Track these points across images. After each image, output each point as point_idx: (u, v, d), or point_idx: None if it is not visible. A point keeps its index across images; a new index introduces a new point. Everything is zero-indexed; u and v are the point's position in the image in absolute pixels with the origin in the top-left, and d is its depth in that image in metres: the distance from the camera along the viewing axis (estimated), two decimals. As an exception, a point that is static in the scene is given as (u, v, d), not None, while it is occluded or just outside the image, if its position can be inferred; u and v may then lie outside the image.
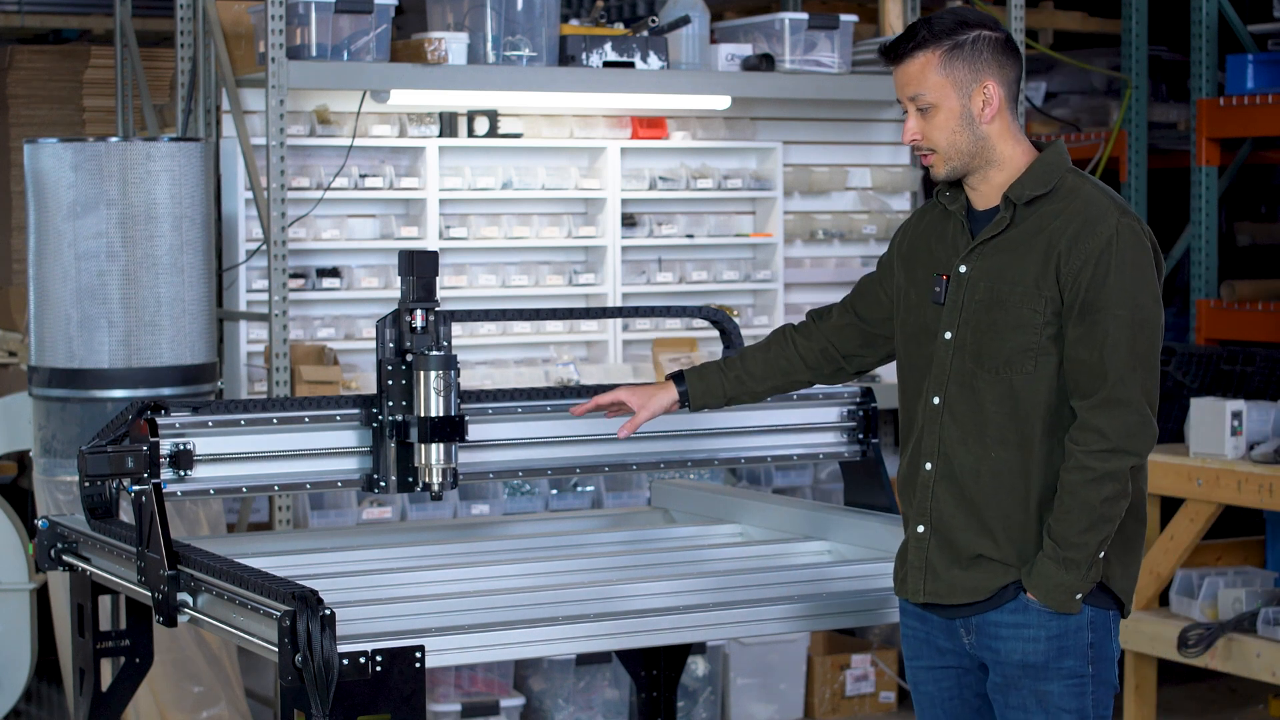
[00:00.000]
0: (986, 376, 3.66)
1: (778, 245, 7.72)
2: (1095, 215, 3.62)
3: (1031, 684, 3.67)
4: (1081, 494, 3.57)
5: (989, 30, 3.69)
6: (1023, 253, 3.65)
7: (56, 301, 5.90)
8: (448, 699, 6.65)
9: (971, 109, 3.67)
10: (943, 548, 3.72)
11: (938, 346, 3.73)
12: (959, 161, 3.70)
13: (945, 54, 3.65)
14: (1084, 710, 3.68)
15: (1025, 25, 7.66)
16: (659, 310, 5.07)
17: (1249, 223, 10.22)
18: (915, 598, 3.78)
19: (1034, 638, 3.66)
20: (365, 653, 3.63)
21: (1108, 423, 3.57)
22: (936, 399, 3.72)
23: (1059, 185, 3.68)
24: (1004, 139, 3.69)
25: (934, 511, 3.73)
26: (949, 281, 3.73)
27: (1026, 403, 3.64)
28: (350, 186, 7.00)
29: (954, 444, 3.70)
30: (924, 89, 3.67)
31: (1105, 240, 3.59)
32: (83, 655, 4.53)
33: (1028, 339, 3.63)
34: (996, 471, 3.66)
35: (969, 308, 3.69)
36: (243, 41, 6.75)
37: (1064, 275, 3.60)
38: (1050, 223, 3.64)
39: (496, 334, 7.28)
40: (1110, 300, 3.58)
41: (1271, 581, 6.64)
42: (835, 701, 7.38)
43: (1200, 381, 7.72)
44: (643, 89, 7.03)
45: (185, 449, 4.23)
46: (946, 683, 3.83)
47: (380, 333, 4.39)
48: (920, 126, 3.69)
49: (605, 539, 4.87)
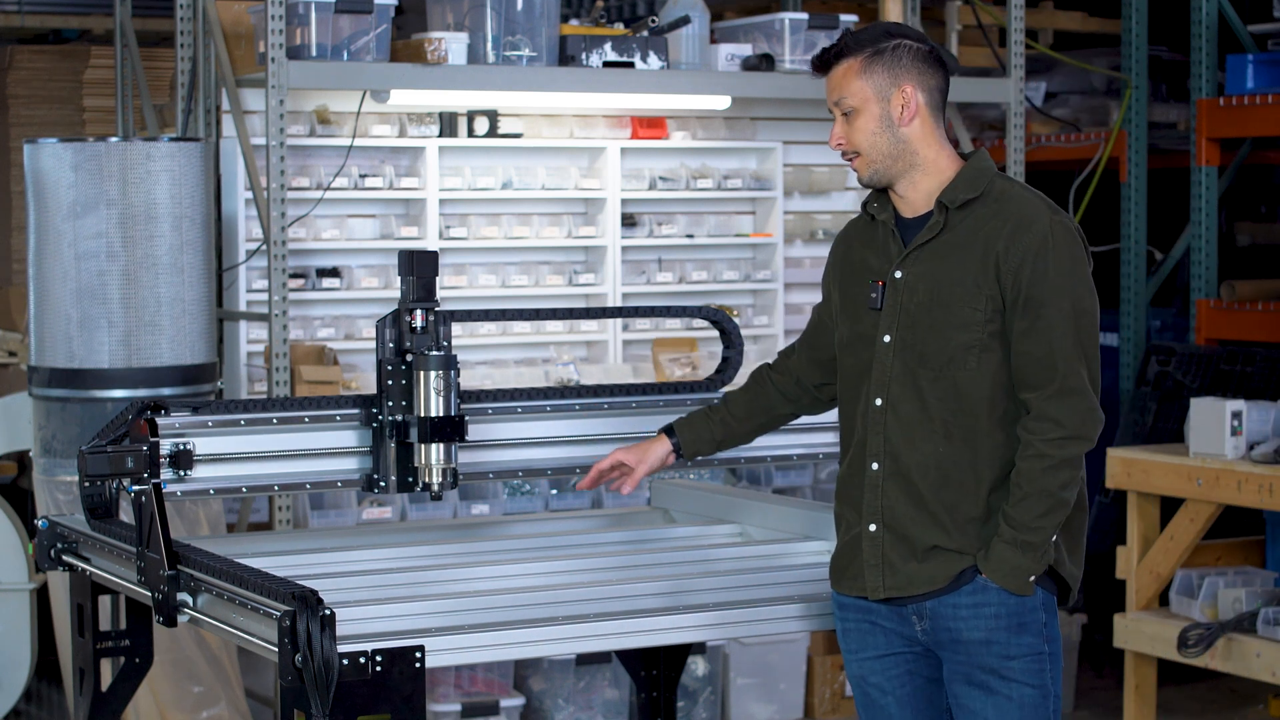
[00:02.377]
0: (929, 375, 3.83)
1: (778, 245, 7.72)
2: (1029, 215, 3.80)
3: (994, 660, 3.83)
4: (1040, 480, 3.76)
5: (912, 41, 3.89)
6: (960, 255, 3.82)
7: (56, 301, 5.90)
8: (448, 699, 6.65)
9: (891, 112, 3.86)
10: (897, 543, 3.87)
11: (877, 350, 3.89)
12: (881, 164, 3.88)
13: (866, 60, 3.87)
14: (1045, 686, 3.85)
15: (1025, 25, 7.66)
16: (659, 310, 5.08)
17: (1249, 223, 10.22)
18: (875, 594, 3.91)
19: (995, 614, 3.82)
20: (365, 653, 3.64)
21: (1063, 412, 3.76)
22: (879, 400, 3.88)
23: (988, 189, 3.86)
24: (927, 144, 3.87)
25: (885, 509, 3.88)
26: (885, 287, 3.89)
27: (970, 398, 3.81)
28: (350, 186, 7.00)
29: (900, 442, 3.86)
30: (846, 94, 3.88)
31: (1041, 237, 3.77)
32: (83, 655, 4.53)
33: (970, 337, 3.80)
34: (943, 465, 3.83)
35: (908, 310, 3.85)
36: (243, 41, 6.75)
37: (1004, 273, 3.77)
38: (985, 224, 3.82)
39: (496, 334, 7.28)
40: (1051, 294, 3.77)
41: (1271, 581, 6.64)
42: (835, 701, 7.38)
43: (1200, 381, 7.72)
44: (643, 89, 7.03)
45: (185, 449, 4.23)
46: (896, 670, 3.96)
47: (380, 333, 4.39)
48: (844, 131, 3.90)
49: (605, 539, 4.87)
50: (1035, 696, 3.83)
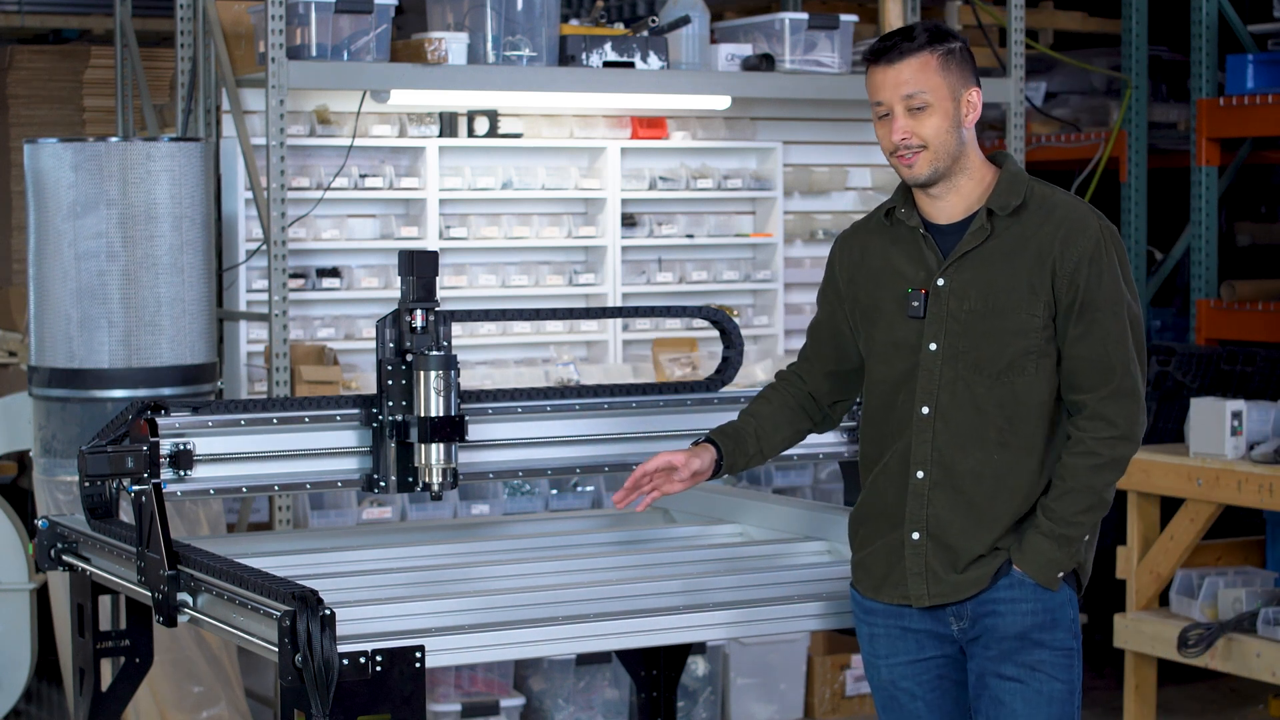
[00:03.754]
0: (985, 383, 3.79)
1: (778, 245, 7.72)
2: (1080, 220, 3.81)
3: (1026, 655, 3.82)
4: (1086, 477, 3.77)
5: (964, 44, 3.88)
6: (1012, 261, 3.80)
7: (56, 301, 5.90)
8: (448, 699, 6.64)
9: (960, 112, 3.82)
10: (940, 552, 3.83)
11: (922, 358, 3.84)
12: (944, 163, 3.83)
13: (942, 57, 3.81)
14: (1072, 682, 3.86)
15: (1025, 25, 7.66)
16: (659, 310, 5.08)
17: (1249, 223, 10.23)
18: (919, 602, 3.86)
19: (1029, 610, 3.81)
20: (365, 653, 3.64)
21: (1118, 412, 3.78)
22: (926, 409, 3.83)
23: (1029, 195, 3.84)
24: (975, 148, 3.88)
25: (931, 518, 3.83)
26: (927, 295, 3.84)
27: (1027, 404, 3.79)
28: (350, 186, 7.00)
29: (952, 450, 3.81)
30: (924, 87, 3.80)
31: (1094, 242, 3.78)
32: (83, 655, 4.53)
33: (1029, 343, 3.78)
34: (999, 473, 3.79)
35: (958, 318, 3.81)
36: (243, 41, 6.75)
37: (1059, 278, 3.77)
38: (1036, 230, 3.80)
39: (496, 334, 7.28)
40: (1106, 298, 3.78)
41: (1271, 581, 6.64)
42: (835, 701, 7.38)
43: (1200, 381, 7.72)
44: (643, 89, 7.03)
45: (185, 449, 4.23)
46: (927, 675, 3.93)
47: (380, 333, 4.39)
48: (911, 125, 3.81)
49: (605, 539, 4.87)
50: (1063, 691, 3.83)
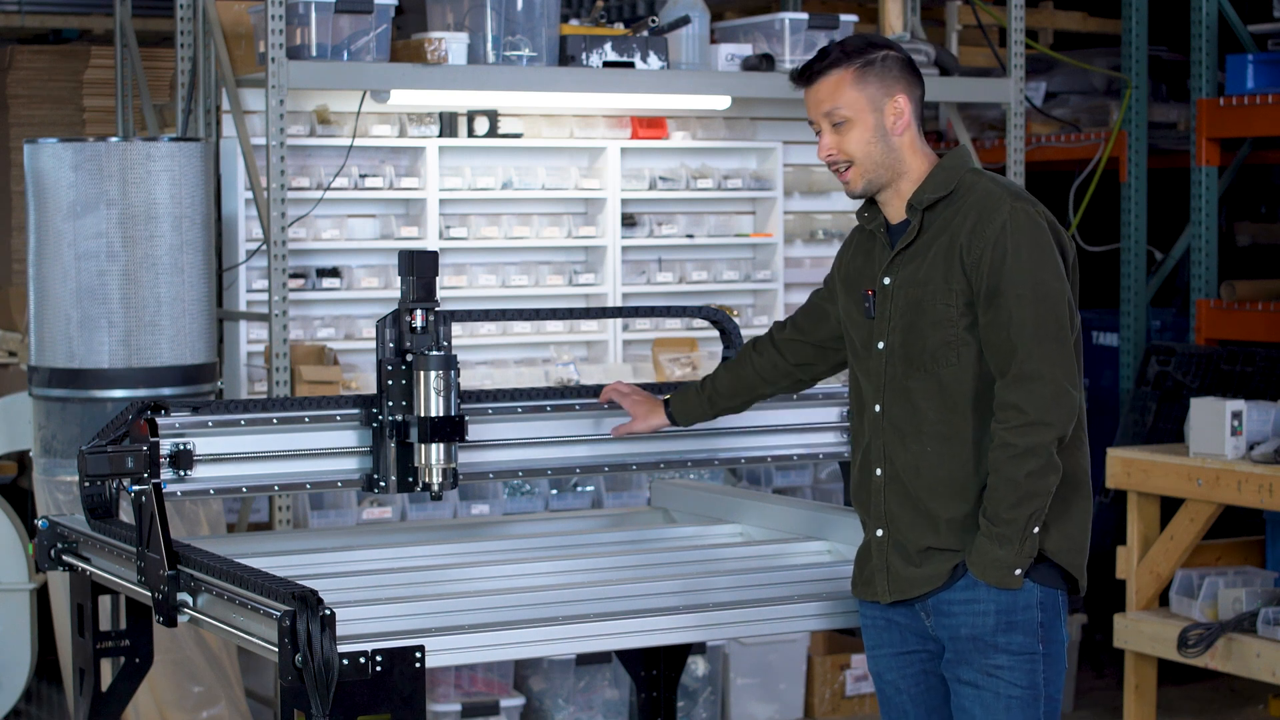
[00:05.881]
0: (917, 376, 3.86)
1: (778, 245, 7.72)
2: (990, 205, 3.82)
3: (981, 658, 3.82)
4: (1006, 470, 3.74)
5: (894, 51, 3.91)
6: (931, 254, 3.85)
7: (56, 301, 5.90)
8: (448, 699, 6.65)
9: (884, 122, 3.87)
10: (896, 548, 3.91)
11: (873, 358, 3.93)
12: (874, 174, 3.89)
13: (858, 71, 3.87)
14: (1035, 687, 3.83)
15: (1025, 25, 7.66)
16: (659, 310, 5.08)
17: (1249, 223, 10.22)
18: (883, 598, 3.94)
19: (983, 611, 3.81)
20: (365, 653, 3.64)
21: (1023, 397, 3.73)
22: (877, 407, 3.92)
23: (958, 186, 3.87)
24: (912, 152, 3.91)
25: (887, 514, 3.92)
26: (875, 295, 3.93)
27: (954, 394, 3.83)
28: (350, 186, 7.00)
29: (895, 447, 3.89)
30: (840, 104, 3.87)
31: (1000, 226, 3.78)
32: (83, 655, 4.53)
33: (946, 333, 3.82)
34: (933, 465, 3.85)
35: (894, 316, 3.89)
36: (243, 41, 6.75)
37: (968, 265, 3.80)
38: (952, 221, 3.84)
39: (496, 334, 7.28)
40: (1011, 281, 3.76)
41: (1271, 581, 6.64)
42: (835, 701, 7.38)
43: (1200, 381, 7.72)
44: (643, 89, 7.03)
45: (185, 449, 4.23)
46: (910, 669, 3.98)
47: (380, 333, 4.39)
48: (836, 142, 3.89)
49: (605, 539, 4.87)
50: (1025, 697, 3.81)
